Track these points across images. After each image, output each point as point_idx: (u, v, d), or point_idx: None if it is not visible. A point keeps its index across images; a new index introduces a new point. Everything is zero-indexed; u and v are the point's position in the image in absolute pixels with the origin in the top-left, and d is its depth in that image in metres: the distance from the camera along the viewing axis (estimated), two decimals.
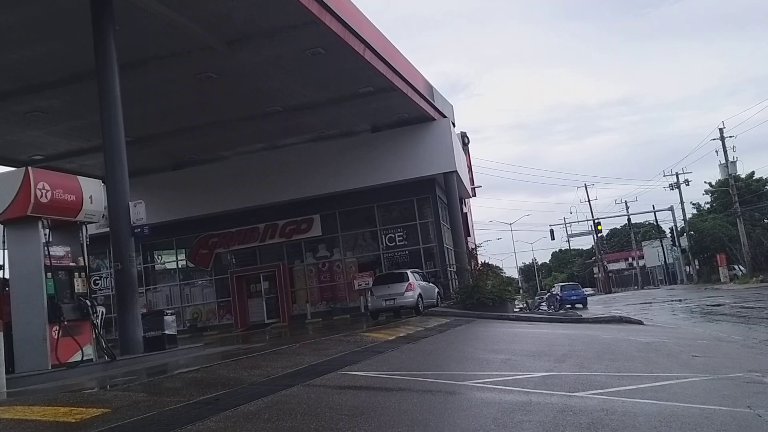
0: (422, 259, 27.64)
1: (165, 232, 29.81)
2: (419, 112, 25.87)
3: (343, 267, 28.66)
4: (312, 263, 29.09)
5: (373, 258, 28.61)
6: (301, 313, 28.37)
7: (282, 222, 28.95)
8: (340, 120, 26.14)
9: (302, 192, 28.08)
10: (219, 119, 23.74)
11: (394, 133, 27.27)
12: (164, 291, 30.82)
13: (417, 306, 21.75)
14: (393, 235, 28.10)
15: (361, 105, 24.31)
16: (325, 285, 28.89)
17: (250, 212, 29.03)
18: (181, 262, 30.80)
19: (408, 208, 28.25)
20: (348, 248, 28.83)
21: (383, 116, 26.28)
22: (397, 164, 27.10)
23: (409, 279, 21.97)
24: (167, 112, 22.43)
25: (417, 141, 27.01)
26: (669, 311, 27.51)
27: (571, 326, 18.30)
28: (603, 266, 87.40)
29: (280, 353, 11.25)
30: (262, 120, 24.47)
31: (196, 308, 30.26)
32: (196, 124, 24.00)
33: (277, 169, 28.42)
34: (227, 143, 27.45)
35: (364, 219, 29.03)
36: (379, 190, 27.74)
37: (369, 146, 27.62)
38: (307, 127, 26.46)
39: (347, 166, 27.55)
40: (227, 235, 29.58)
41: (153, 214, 31.02)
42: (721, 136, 49.06)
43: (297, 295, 29.21)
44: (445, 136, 26.86)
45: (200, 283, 30.71)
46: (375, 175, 27.31)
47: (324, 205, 28.51)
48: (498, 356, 10.91)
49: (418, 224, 27.96)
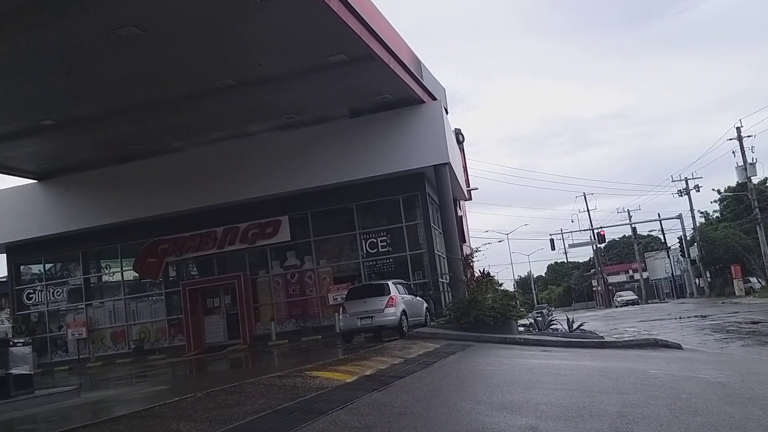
0: (409, 269, 23.26)
1: (108, 238, 25.55)
2: (405, 93, 21.59)
3: (315, 278, 24.23)
4: (279, 274, 24.66)
5: (351, 267, 24.21)
6: (266, 333, 23.91)
7: (244, 225, 24.55)
8: (310, 102, 21.83)
9: (268, 189, 23.75)
10: (157, 97, 19.36)
11: (375, 119, 22.96)
12: (107, 307, 26.28)
13: (400, 326, 17.37)
14: (375, 240, 23.72)
15: (334, 81, 20.01)
16: (295, 299, 24.43)
17: (207, 214, 24.67)
18: (128, 273, 26.29)
19: (393, 208, 23.90)
20: (322, 256, 24.42)
21: (362, 97, 21.98)
22: (379, 156, 22.80)
23: (391, 292, 17.62)
24: (90, 86, 18.05)
25: (403, 128, 22.70)
26: (695, 330, 23.14)
27: (599, 354, 13.94)
28: (603, 279, 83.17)
29: (157, 416, 6.83)
30: (212, 99, 20.11)
31: (144, 327, 25.73)
32: (130, 104, 19.61)
33: (239, 162, 24.09)
34: (177, 131, 23.07)
35: (340, 221, 24.67)
36: (359, 187, 23.43)
37: (346, 135, 23.29)
38: (271, 110, 22.13)
39: (321, 159, 23.23)
40: (179, 241, 25.13)
41: (94, 217, 26.67)
42: (739, 136, 44.98)
43: (261, 312, 24.74)
44: (436, 121, 22.55)
45: (148, 297, 26.23)
46: (354, 168, 23.00)
47: (293, 204, 24.15)
48: (515, 421, 6.54)
49: (405, 227, 23.61)
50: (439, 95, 23.45)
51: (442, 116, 22.54)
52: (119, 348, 25.67)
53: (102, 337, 25.92)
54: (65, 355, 26.24)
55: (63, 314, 26.78)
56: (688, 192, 56.86)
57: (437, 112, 22.62)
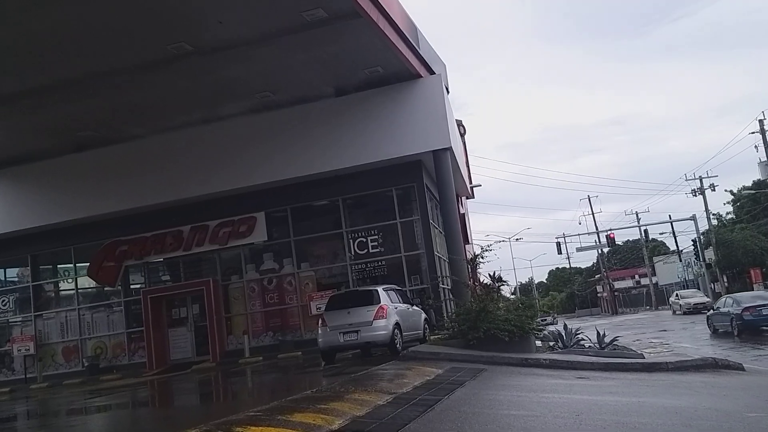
0: (405, 273, 19.92)
1: (60, 239, 22.20)
2: (398, 64, 18.28)
3: (296, 284, 20.87)
4: (254, 279, 21.29)
5: (337, 272, 20.89)
6: (239, 348, 20.52)
7: (214, 223, 21.19)
8: (286, 77, 18.51)
9: (241, 181, 20.45)
10: (97, 68, 16.01)
11: (364, 98, 19.64)
12: (59, 318, 22.85)
13: (392, 342, 14.06)
14: (364, 240, 20.37)
15: (313, 47, 16.70)
16: (272, 309, 21.05)
17: (172, 210, 21.36)
18: (82, 280, 22.89)
19: (385, 203, 20.57)
20: (303, 258, 21.06)
21: (348, 71, 18.66)
22: (369, 141, 19.49)
23: (380, 300, 14.30)
24: (7, 53, 14.74)
25: (397, 107, 19.38)
26: (737, 344, 19.87)
27: (654, 382, 10.58)
28: (609, 284, 79.66)
29: None
30: (167, 71, 16.76)
31: (100, 341, 22.32)
32: (65, 77, 16.27)
33: (208, 151, 20.79)
34: (133, 114, 19.69)
35: (325, 218, 21.36)
36: (346, 178, 20.14)
37: (331, 117, 19.95)
38: (241, 87, 18.80)
39: (302, 146, 19.94)
40: (140, 242, 21.74)
41: (44, 215, 23.11)
42: (761, 129, 41.71)
43: (234, 324, 21.36)
44: (436, 99, 19.22)
45: (105, 307, 22.83)
46: (340, 156, 19.69)
47: (270, 199, 20.83)
48: None
49: (399, 224, 20.27)
50: (439, 70, 20.12)
51: (442, 93, 19.21)
52: (72, 365, 22.26)
53: (52, 354, 22.52)
54: (11, 374, 22.82)
55: (10, 327, 23.37)
56: (703, 192, 53.43)
57: (437, 87, 19.29)
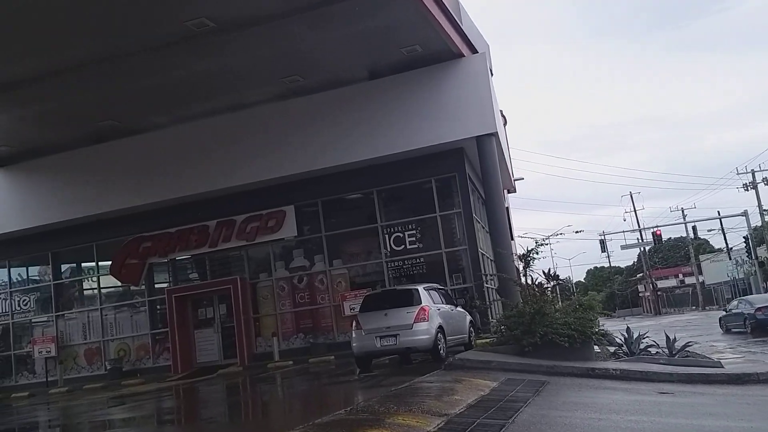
0: (446, 271, 18.34)
1: (81, 235, 21.15)
2: (439, 42, 16.69)
3: (328, 282, 19.42)
4: (284, 277, 19.91)
5: (371, 269, 19.40)
6: (268, 351, 19.18)
7: (241, 217, 19.87)
8: (317, 58, 17.07)
9: (269, 173, 19.12)
10: (116, 48, 14.77)
11: (401, 80, 18.10)
12: (81, 318, 21.80)
13: (435, 348, 12.48)
14: (401, 235, 18.84)
15: (347, 24, 15.24)
16: (303, 309, 19.64)
17: (197, 204, 20.12)
18: (105, 278, 21.78)
19: (424, 195, 19.01)
20: (336, 255, 19.61)
21: (384, 51, 17.15)
22: (407, 127, 17.95)
23: (421, 300, 12.74)
24: (20, 30, 13.56)
25: (437, 90, 17.80)
26: None
27: (752, 397, 8.86)
28: (651, 283, 76.74)
29: None
30: (189, 51, 15.42)
31: (123, 343, 21.19)
32: (83, 59, 15.08)
33: (234, 141, 19.50)
34: (155, 101, 18.51)
35: (359, 211, 19.92)
36: (381, 168, 18.65)
37: (365, 102, 18.47)
38: (268, 71, 17.43)
39: (333, 134, 18.54)
40: (164, 238, 20.53)
41: (65, 210, 21.98)
42: None
43: (262, 325, 20.02)
44: (480, 80, 17.57)
45: (129, 307, 21.72)
46: (374, 144, 18.20)
47: (301, 191, 19.45)
48: None
49: (439, 218, 18.68)
50: (482, 50, 18.47)
51: (487, 73, 17.58)
52: (94, 368, 21.16)
53: (74, 356, 21.47)
54: (32, 377, 21.85)
55: (32, 327, 22.42)
56: (755, 186, 50.60)
57: (481, 67, 17.65)
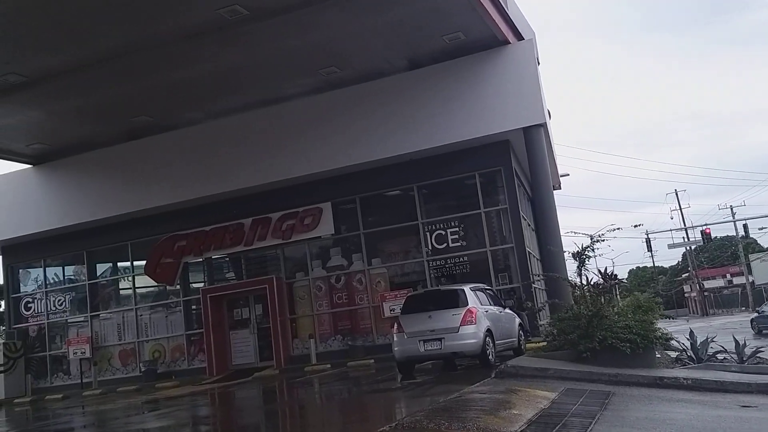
0: (491, 270, 17.39)
1: (116, 233, 20.81)
2: (482, 29, 15.78)
3: (366, 282, 18.61)
4: (321, 277, 19.18)
5: (411, 268, 18.55)
6: (305, 353, 18.47)
7: (276, 215, 19.20)
8: (354, 48, 16.32)
9: (305, 169, 18.41)
10: (146, 38, 14.24)
11: (443, 70, 17.23)
12: (116, 319, 21.41)
13: (484, 353, 11.59)
14: (443, 232, 17.95)
15: (386, 10, 14.44)
16: (341, 310, 18.88)
17: (231, 201, 19.55)
18: (140, 278, 21.35)
19: (467, 190, 18.08)
20: (375, 253, 18.80)
21: (424, 38, 16.29)
22: (449, 119, 17.06)
23: (468, 302, 11.86)
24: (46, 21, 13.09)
25: (481, 79, 16.87)
26: None
27: None
28: (698, 284, 74.27)
29: None
30: (222, 42, 14.81)
31: (158, 344, 20.72)
32: (112, 50, 14.57)
33: (269, 136, 18.89)
34: (189, 95, 17.98)
35: (398, 208, 19.07)
36: (422, 163, 17.81)
37: (405, 93, 17.62)
38: (303, 61, 16.72)
39: (372, 127, 17.76)
40: (199, 236, 19.98)
41: (99, 208, 21.50)
42: None
43: (299, 326, 19.32)
44: (527, 68, 16.57)
45: (164, 307, 21.24)
46: (415, 138, 17.35)
47: (337, 188, 18.70)
48: None
49: (483, 214, 17.74)
50: (528, 38, 17.48)
51: (534, 60, 16.57)
52: (129, 370, 20.74)
53: (109, 357, 21.08)
54: (67, 378, 21.55)
55: (67, 328, 22.13)
56: None
57: (528, 54, 16.65)
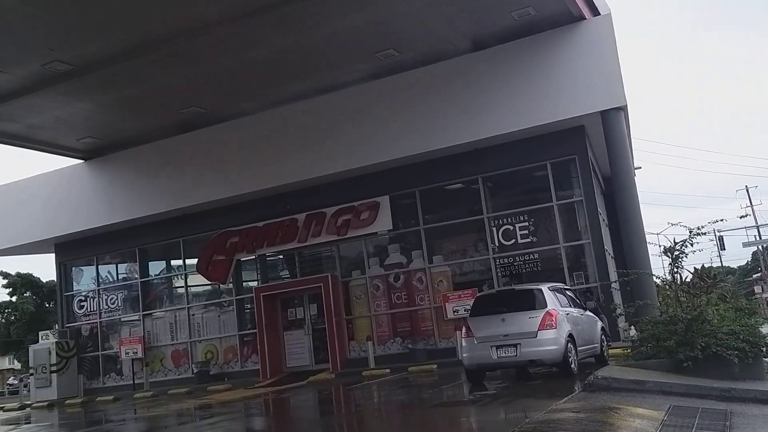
0: (565, 269, 15.90)
1: (167, 230, 20.20)
2: (556, 4, 14.31)
3: (427, 281, 17.36)
4: (378, 275, 18.02)
5: (476, 266, 17.21)
6: (362, 356, 17.37)
7: (331, 210, 18.16)
8: (414, 28, 15.11)
9: (361, 160, 17.31)
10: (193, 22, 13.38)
11: (510, 50, 15.82)
12: (167, 318, 20.79)
13: (565, 360, 10.20)
14: (511, 227, 16.55)
15: None
16: (400, 311, 17.68)
17: (284, 196, 18.63)
18: (192, 276, 20.65)
19: (537, 181, 16.62)
20: (436, 250, 17.54)
21: (491, 15, 14.96)
22: (517, 103, 15.67)
23: (547, 303, 10.49)
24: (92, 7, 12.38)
25: (553, 59, 15.41)
26: None
27: None
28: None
29: None
30: (274, 22, 13.83)
31: (210, 345, 19.97)
32: (159, 38, 13.80)
33: (323, 126, 17.85)
34: (241, 83, 17.13)
35: (461, 201, 17.77)
36: (487, 152, 16.47)
37: (468, 77, 16.29)
38: (360, 44, 15.64)
39: (432, 115, 16.47)
40: (252, 233, 19.13)
41: (150, 204, 20.62)
42: None
43: (356, 327, 18.23)
44: (606, 45, 14.97)
45: (217, 306, 20.48)
46: (479, 125, 16.01)
47: (395, 181, 17.53)
48: None
49: (556, 207, 16.26)
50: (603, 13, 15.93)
51: (613, 36, 14.97)
52: (181, 371, 20.06)
53: (161, 358, 20.47)
54: (119, 378, 21.05)
55: (119, 327, 21.65)
56: None
57: (606, 30, 15.06)
